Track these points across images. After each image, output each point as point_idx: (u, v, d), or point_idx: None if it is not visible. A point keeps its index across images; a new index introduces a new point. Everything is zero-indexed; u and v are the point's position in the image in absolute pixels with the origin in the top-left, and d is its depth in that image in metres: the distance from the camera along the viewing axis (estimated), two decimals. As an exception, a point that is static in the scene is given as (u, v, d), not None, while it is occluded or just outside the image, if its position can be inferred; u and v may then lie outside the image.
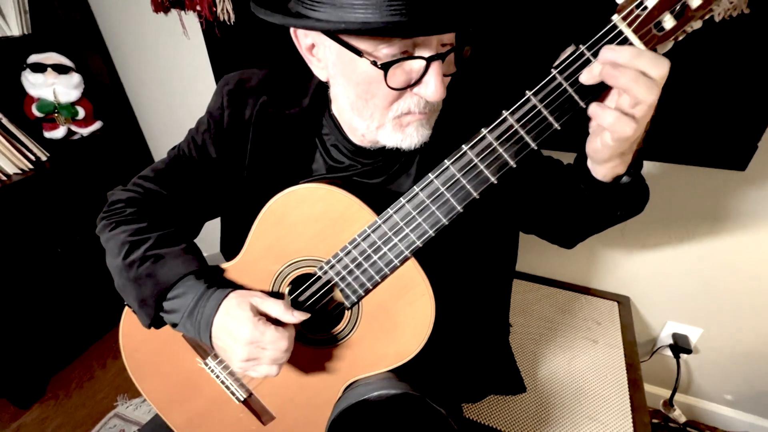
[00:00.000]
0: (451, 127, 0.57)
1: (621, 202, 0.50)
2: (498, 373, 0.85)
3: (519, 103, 0.43)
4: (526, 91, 0.43)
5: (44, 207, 1.36)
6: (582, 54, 0.40)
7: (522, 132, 0.44)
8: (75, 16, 1.38)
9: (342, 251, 0.54)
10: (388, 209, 0.51)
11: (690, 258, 1.09)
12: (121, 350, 0.67)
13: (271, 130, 0.61)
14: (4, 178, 1.25)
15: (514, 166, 0.45)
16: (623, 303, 1.19)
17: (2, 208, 1.24)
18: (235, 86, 0.62)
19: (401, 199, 0.50)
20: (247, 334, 0.51)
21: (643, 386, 0.98)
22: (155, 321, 0.57)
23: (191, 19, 1.29)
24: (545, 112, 0.42)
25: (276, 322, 0.53)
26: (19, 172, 1.28)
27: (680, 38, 0.40)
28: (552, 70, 0.42)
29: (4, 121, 1.27)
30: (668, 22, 0.38)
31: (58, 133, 1.41)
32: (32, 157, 1.31)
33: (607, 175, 0.47)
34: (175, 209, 0.65)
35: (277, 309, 0.53)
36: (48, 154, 1.36)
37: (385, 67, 0.44)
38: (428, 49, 0.45)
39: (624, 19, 0.38)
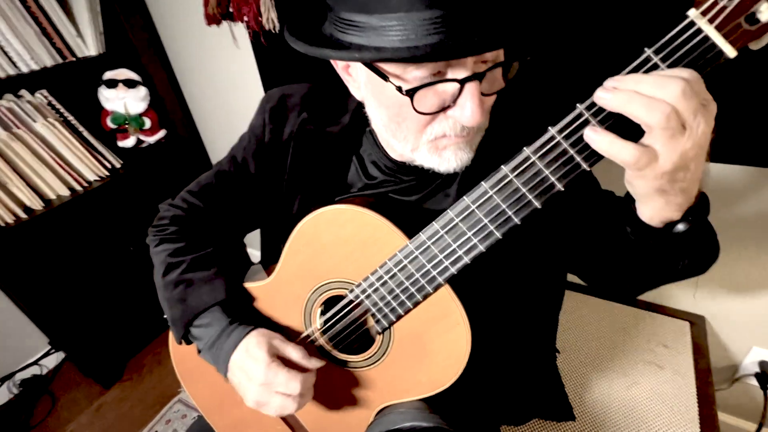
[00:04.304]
0: (499, 145, 0.52)
1: (677, 253, 0.43)
2: (543, 397, 0.79)
3: (569, 117, 0.38)
4: (578, 105, 0.37)
5: (118, 209, 1.51)
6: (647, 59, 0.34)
7: (572, 151, 0.38)
8: (141, 34, 1.50)
9: (372, 275, 0.52)
10: (420, 233, 0.48)
11: (784, 276, 0.94)
12: (171, 357, 0.72)
13: (310, 147, 0.61)
14: (85, 184, 1.40)
15: (562, 189, 0.40)
16: (697, 324, 1.06)
17: (84, 211, 1.40)
18: (277, 103, 0.62)
19: (434, 222, 0.47)
20: (260, 376, 0.52)
21: (718, 422, 0.86)
22: (185, 338, 0.60)
23: (241, 30, 1.34)
24: (592, 120, 0.36)
25: (294, 365, 0.54)
26: (98, 179, 1.43)
27: (782, 31, 0.32)
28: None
29: (86, 133, 1.42)
30: (766, 12, 0.30)
31: (129, 142, 1.54)
32: (108, 165, 1.46)
33: (654, 218, 0.40)
34: (214, 223, 0.68)
35: (295, 355, 0.54)
36: (121, 162, 1.50)
37: (411, 93, 0.41)
38: (463, 69, 0.40)
39: (704, 14, 0.32)
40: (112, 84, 1.45)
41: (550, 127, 0.38)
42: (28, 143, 1.24)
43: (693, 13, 0.32)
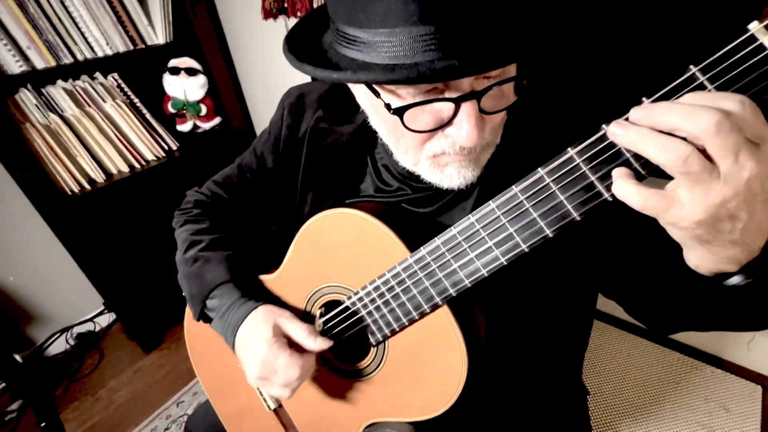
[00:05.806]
0: (525, 156, 0.47)
1: (730, 305, 0.36)
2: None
3: (591, 139, 0.32)
4: (603, 126, 0.31)
5: (172, 188, 1.61)
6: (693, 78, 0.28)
7: (592, 177, 0.33)
8: (205, 24, 1.58)
9: (370, 285, 0.50)
10: (421, 247, 0.45)
11: None
12: (185, 336, 0.74)
13: (323, 145, 0.60)
14: (144, 163, 1.51)
15: (578, 219, 0.35)
16: (773, 389, 0.88)
17: (141, 187, 1.51)
18: (296, 100, 0.63)
19: (436, 238, 0.44)
20: (261, 354, 0.51)
21: None
22: (202, 316, 0.61)
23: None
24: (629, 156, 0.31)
25: (298, 347, 0.52)
26: (155, 158, 1.54)
27: None
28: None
29: (148, 116, 1.53)
30: None
31: (186, 126, 1.64)
32: (166, 147, 1.56)
33: (701, 267, 0.33)
34: (235, 213, 0.70)
35: (301, 333, 0.52)
36: (178, 144, 1.60)
37: (400, 112, 0.38)
38: (460, 86, 0.37)
39: None
40: (175, 71, 1.55)
41: (569, 148, 0.33)
42: (96, 121, 1.37)
43: (755, 27, 0.27)
